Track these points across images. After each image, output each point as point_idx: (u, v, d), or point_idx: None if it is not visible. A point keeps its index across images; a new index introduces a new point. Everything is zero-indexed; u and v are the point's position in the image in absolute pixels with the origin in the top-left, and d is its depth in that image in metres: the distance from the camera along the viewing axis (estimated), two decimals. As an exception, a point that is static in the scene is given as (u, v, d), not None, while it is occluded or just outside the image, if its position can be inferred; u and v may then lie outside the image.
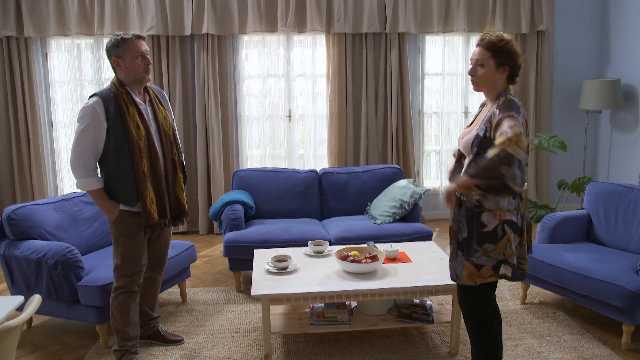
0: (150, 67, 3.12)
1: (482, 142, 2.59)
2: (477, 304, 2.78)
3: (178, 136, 3.35)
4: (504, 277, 2.65)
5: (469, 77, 2.75)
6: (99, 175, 3.11)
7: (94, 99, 3.01)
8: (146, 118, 3.11)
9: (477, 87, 2.73)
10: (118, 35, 3.03)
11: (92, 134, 2.99)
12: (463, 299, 2.83)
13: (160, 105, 3.24)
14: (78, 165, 3.01)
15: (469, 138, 2.69)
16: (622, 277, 3.36)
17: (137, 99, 3.10)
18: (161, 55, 5.78)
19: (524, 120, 2.56)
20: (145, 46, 3.08)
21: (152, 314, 3.58)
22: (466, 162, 2.72)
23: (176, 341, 3.61)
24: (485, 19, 6.18)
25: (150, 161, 3.09)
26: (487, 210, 2.59)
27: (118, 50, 3.02)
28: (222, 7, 5.74)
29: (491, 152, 2.39)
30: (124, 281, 3.18)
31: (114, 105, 3.01)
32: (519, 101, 2.62)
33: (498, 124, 2.51)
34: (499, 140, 2.40)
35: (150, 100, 3.20)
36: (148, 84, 3.21)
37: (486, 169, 2.40)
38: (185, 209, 3.34)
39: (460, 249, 2.69)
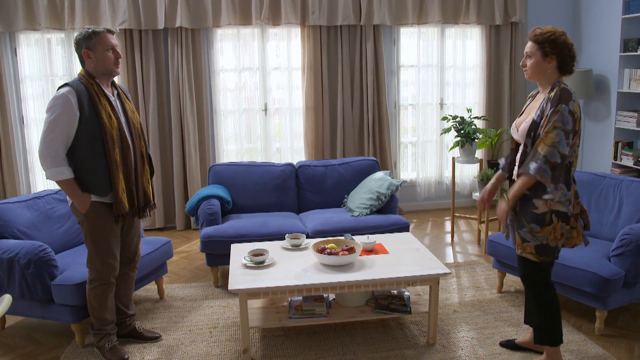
0: (120, 60, 3.17)
1: (537, 128, 2.81)
2: (533, 275, 2.96)
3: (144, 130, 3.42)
4: (544, 260, 2.87)
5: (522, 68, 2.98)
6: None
7: (66, 88, 3.00)
8: (117, 110, 3.15)
9: (529, 76, 2.92)
10: (89, 29, 3.07)
11: (65, 123, 2.97)
12: (521, 270, 3.03)
13: (127, 100, 3.29)
14: (48, 154, 2.97)
15: (526, 125, 2.88)
16: (595, 264, 3.41)
17: (107, 91, 3.14)
18: (134, 49, 5.70)
19: (576, 106, 2.75)
20: (115, 40, 3.15)
21: (128, 311, 3.55)
22: (521, 148, 2.94)
23: (154, 338, 3.58)
24: (460, 10, 6.21)
25: (122, 151, 3.13)
26: (539, 198, 2.81)
27: (89, 43, 3.05)
28: (195, 0, 5.67)
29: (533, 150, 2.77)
30: (98, 273, 3.19)
31: (86, 96, 3.02)
32: (571, 89, 2.78)
33: (546, 124, 2.74)
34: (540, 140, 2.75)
35: (119, 94, 3.25)
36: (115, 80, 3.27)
37: (525, 172, 2.76)
38: (152, 200, 3.39)
39: (515, 221, 2.95)
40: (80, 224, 3.19)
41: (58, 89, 3.04)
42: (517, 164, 3.00)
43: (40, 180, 5.96)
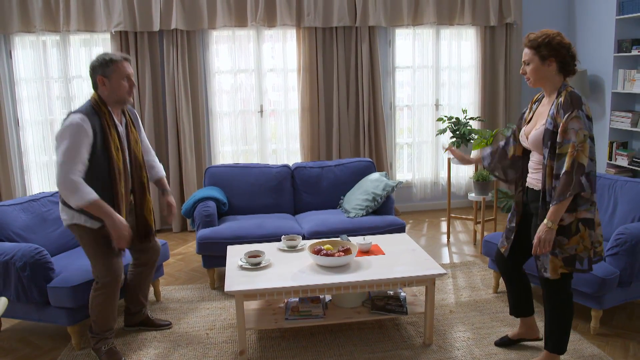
0: (134, 89, 3.22)
1: (552, 136, 2.73)
2: (556, 285, 2.89)
3: (154, 156, 3.59)
4: (577, 270, 2.81)
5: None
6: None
7: (79, 115, 2.97)
8: (123, 141, 3.20)
9: (532, 83, 2.86)
10: (107, 55, 3.09)
11: (82, 150, 2.95)
12: (544, 280, 2.93)
13: (133, 128, 3.33)
14: (71, 183, 2.89)
15: (538, 134, 2.83)
16: (590, 264, 3.42)
17: (116, 121, 3.17)
18: (129, 51, 5.69)
19: (588, 109, 2.72)
20: (131, 68, 3.18)
21: (145, 302, 3.69)
22: (534, 157, 2.92)
23: (165, 325, 3.74)
24: (455, 11, 6.23)
25: (125, 184, 3.19)
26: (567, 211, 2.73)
27: (105, 70, 3.06)
28: (190, 2, 5.67)
29: (565, 165, 2.63)
30: (103, 278, 3.19)
31: (99, 126, 3.04)
32: (578, 92, 2.74)
33: (565, 130, 2.66)
34: (567, 149, 2.63)
35: (127, 123, 3.28)
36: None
37: (567, 184, 2.62)
38: (152, 228, 3.50)
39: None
40: (79, 238, 3.19)
41: (70, 115, 3.00)
42: (529, 171, 2.99)
43: (36, 183, 5.95)
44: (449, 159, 5.47)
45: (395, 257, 3.59)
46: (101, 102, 3.09)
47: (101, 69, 3.06)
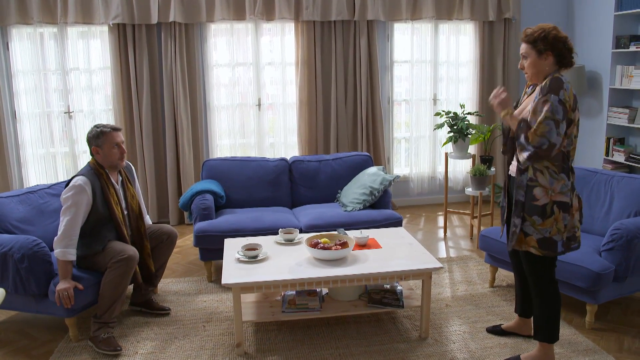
0: (125, 154, 3.59)
1: None
2: (537, 271, 2.96)
3: (144, 206, 3.91)
4: (547, 255, 2.87)
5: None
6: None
7: (82, 178, 3.37)
8: (120, 198, 3.59)
9: (530, 77, 2.93)
10: (98, 128, 3.50)
11: (82, 211, 3.35)
12: (525, 265, 3.01)
13: (129, 184, 3.72)
14: (67, 239, 3.29)
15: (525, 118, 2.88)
16: (585, 259, 3.44)
17: (113, 180, 3.57)
18: (127, 44, 5.68)
19: (568, 95, 2.73)
20: (121, 137, 3.56)
21: (156, 279, 3.91)
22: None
23: (163, 309, 3.86)
24: (453, 6, 6.23)
25: (126, 231, 3.59)
26: (541, 185, 2.81)
27: (97, 141, 3.49)
28: (188, -5, 5.67)
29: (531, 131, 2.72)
30: (121, 258, 3.37)
31: (99, 186, 3.45)
32: (565, 78, 2.78)
33: (534, 111, 2.75)
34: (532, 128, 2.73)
35: (122, 181, 3.67)
36: None
37: (517, 126, 2.79)
38: (152, 271, 3.80)
39: (514, 216, 2.92)
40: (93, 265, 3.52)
41: (73, 177, 3.40)
42: (513, 159, 3.00)
43: (33, 175, 5.94)
44: (446, 154, 5.48)
45: (392, 251, 3.61)
46: (99, 166, 3.51)
47: (94, 141, 3.49)
